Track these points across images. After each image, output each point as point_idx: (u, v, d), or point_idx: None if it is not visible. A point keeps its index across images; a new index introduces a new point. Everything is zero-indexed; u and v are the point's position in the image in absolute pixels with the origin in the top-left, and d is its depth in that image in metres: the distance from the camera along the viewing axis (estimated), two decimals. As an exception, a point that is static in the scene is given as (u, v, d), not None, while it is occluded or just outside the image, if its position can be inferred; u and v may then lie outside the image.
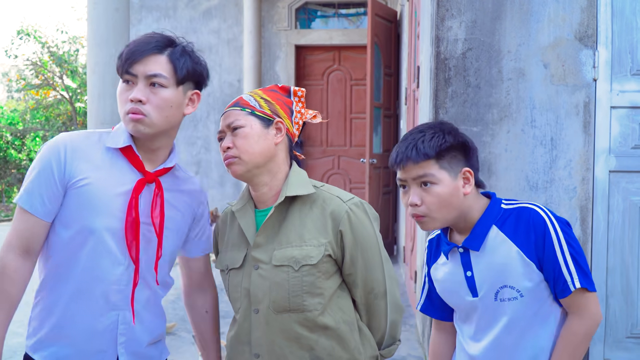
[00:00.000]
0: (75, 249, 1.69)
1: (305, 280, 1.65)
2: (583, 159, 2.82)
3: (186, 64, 1.73)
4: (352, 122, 8.52)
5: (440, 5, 2.85)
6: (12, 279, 1.68)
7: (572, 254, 1.68)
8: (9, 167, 16.82)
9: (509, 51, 2.83)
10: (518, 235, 1.72)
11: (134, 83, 1.69)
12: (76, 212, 1.69)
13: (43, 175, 1.69)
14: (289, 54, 8.48)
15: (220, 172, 8.47)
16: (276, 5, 8.48)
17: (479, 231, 1.75)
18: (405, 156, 1.72)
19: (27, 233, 1.70)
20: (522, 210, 1.74)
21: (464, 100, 2.84)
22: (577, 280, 1.67)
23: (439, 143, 1.71)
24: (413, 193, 1.72)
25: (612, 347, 2.88)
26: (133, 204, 1.70)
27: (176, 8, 8.55)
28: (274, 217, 1.71)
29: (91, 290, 1.70)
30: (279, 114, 1.76)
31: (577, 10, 2.82)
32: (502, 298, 1.73)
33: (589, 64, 2.83)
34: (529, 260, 1.70)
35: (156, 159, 1.80)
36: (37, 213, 1.69)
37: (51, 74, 16.69)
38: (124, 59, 1.70)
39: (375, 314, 1.74)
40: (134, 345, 1.77)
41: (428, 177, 1.70)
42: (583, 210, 2.83)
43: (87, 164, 1.71)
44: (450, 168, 1.72)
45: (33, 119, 17.51)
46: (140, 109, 1.67)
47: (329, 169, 8.53)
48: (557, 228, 1.70)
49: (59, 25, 22.10)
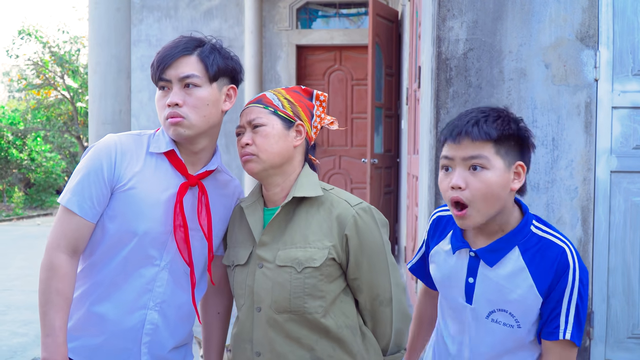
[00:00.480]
0: (114, 248, 1.72)
1: (307, 283, 1.64)
2: (584, 160, 2.82)
3: (216, 60, 1.74)
4: (353, 122, 8.52)
5: (441, 5, 2.84)
6: (64, 278, 1.70)
7: (578, 305, 1.58)
8: (10, 166, 16.84)
9: (510, 51, 2.83)
10: (539, 270, 1.58)
11: (169, 88, 1.71)
12: (120, 213, 1.71)
13: (93, 176, 1.70)
14: (290, 54, 8.48)
15: (221, 172, 8.48)
16: (277, 5, 8.48)
17: (501, 247, 1.61)
18: (465, 131, 1.55)
19: (75, 234, 1.71)
20: (551, 245, 1.60)
21: (465, 100, 2.84)
22: (570, 332, 1.57)
23: (504, 127, 1.55)
24: (458, 174, 1.55)
25: (613, 347, 2.88)
26: (178, 210, 1.72)
27: (177, 8, 8.55)
28: (281, 217, 1.71)
29: (123, 287, 1.73)
30: (301, 116, 1.76)
31: (578, 11, 2.82)
32: (495, 319, 1.63)
33: (591, 64, 2.83)
34: (539, 296, 1.59)
35: (198, 161, 1.81)
36: (86, 215, 1.71)
37: (52, 74, 16.70)
38: (155, 66, 1.71)
39: (380, 321, 1.72)
40: (157, 348, 1.78)
41: (482, 159, 1.53)
42: (584, 211, 2.83)
43: (134, 167, 1.73)
44: (505, 156, 1.56)
45: (34, 119, 17.52)
46: (178, 112, 1.69)
47: (330, 168, 8.54)
48: (576, 276, 1.57)
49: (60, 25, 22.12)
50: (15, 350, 4.75)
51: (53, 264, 1.69)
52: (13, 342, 4.94)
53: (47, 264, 1.69)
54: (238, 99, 8.44)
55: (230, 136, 8.38)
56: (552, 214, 2.81)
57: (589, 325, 2.84)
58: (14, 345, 4.85)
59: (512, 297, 1.59)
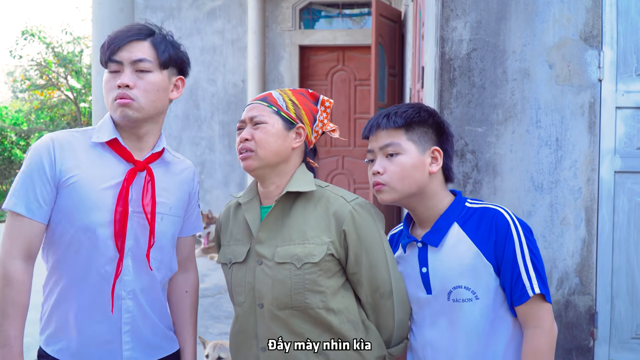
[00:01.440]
0: (73, 246, 1.71)
1: (307, 279, 1.65)
2: (588, 160, 2.82)
3: (168, 48, 1.77)
4: (356, 122, 8.52)
5: (444, 5, 2.84)
6: (21, 287, 1.68)
7: (532, 260, 1.64)
8: (13, 167, 16.85)
9: (514, 51, 2.82)
10: (479, 235, 1.69)
11: (120, 71, 1.72)
12: (67, 209, 1.70)
13: (36, 175, 1.69)
14: (293, 54, 8.48)
15: (224, 172, 8.47)
16: (280, 5, 8.48)
17: (440, 226, 1.73)
18: (376, 123, 1.75)
19: (26, 238, 1.69)
20: (486, 211, 1.73)
21: (469, 100, 2.84)
22: (537, 286, 1.62)
23: (411, 115, 1.73)
24: (378, 163, 1.74)
25: (617, 347, 2.87)
26: (123, 195, 1.72)
27: (180, 8, 8.56)
28: (277, 213, 1.73)
29: (90, 283, 1.72)
30: (303, 119, 1.78)
31: (582, 11, 2.81)
32: (455, 298, 1.70)
33: (594, 64, 2.83)
34: (487, 261, 1.67)
35: (144, 146, 1.81)
36: (34, 216, 1.69)
37: (55, 75, 16.73)
38: (106, 47, 1.73)
39: (382, 314, 1.73)
40: (139, 334, 1.78)
41: (394, 146, 1.72)
42: (588, 211, 2.83)
43: (75, 161, 1.72)
44: (418, 142, 1.73)
45: (37, 119, 17.55)
46: (128, 94, 1.70)
47: (333, 169, 8.54)
48: (520, 232, 1.66)
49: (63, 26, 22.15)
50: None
51: (7, 272, 1.67)
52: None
53: (0, 274, 1.67)
54: (240, 99, 8.46)
55: (232, 136, 8.40)
56: (556, 214, 2.81)
57: (593, 326, 2.84)
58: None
59: (462, 270, 1.68)
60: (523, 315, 1.66)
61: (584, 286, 2.83)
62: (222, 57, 8.49)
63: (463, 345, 1.70)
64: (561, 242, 2.82)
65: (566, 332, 2.83)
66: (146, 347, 1.80)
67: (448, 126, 1.80)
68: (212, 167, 8.53)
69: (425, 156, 1.73)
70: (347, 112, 8.52)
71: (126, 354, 1.76)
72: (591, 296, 2.83)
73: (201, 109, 8.55)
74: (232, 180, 8.47)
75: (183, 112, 8.58)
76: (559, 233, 2.81)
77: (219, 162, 8.48)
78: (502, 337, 1.69)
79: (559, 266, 2.82)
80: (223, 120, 8.50)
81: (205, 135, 8.54)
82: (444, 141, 1.78)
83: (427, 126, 1.75)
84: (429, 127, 1.75)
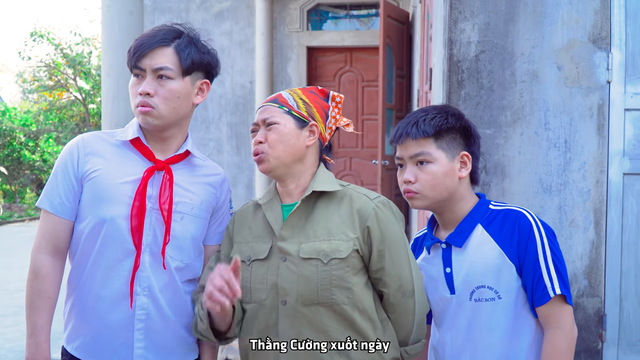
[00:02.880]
0: (91, 241, 1.75)
1: (334, 274, 1.66)
2: (597, 162, 2.81)
3: (191, 54, 1.77)
4: (364, 124, 8.52)
5: (453, 7, 2.85)
6: (47, 279, 1.75)
7: (554, 261, 1.66)
8: (22, 168, 16.95)
9: (522, 53, 2.82)
10: (502, 236, 1.71)
11: (143, 77, 1.75)
12: (90, 204, 1.75)
13: (60, 174, 1.77)
14: (300, 55, 8.50)
15: (232, 173, 8.49)
16: (288, 7, 8.50)
17: (464, 227, 1.76)
18: (405, 132, 1.76)
19: (53, 233, 1.77)
20: (509, 212, 1.75)
21: (477, 102, 2.84)
22: (558, 287, 1.64)
23: (440, 123, 1.74)
24: (408, 171, 1.76)
25: (625, 350, 2.87)
26: (140, 190, 1.75)
27: (189, 10, 8.59)
28: (300, 211, 1.73)
29: (107, 277, 1.75)
30: (315, 117, 1.79)
31: (590, 13, 2.81)
32: (477, 298, 1.72)
33: (603, 66, 2.82)
34: (510, 262, 1.69)
35: (167, 148, 1.85)
36: (58, 212, 1.76)
37: (64, 76, 16.79)
38: (132, 54, 1.75)
39: (403, 313, 1.73)
40: (154, 334, 1.79)
41: (424, 155, 1.73)
42: (597, 213, 2.82)
43: (99, 158, 1.78)
44: (448, 149, 1.74)
45: (46, 120, 17.62)
46: (149, 102, 1.73)
47: (341, 170, 8.54)
48: (542, 234, 1.68)
49: (72, 27, 22.24)
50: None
51: (35, 266, 1.76)
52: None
53: (30, 267, 1.77)
54: (248, 100, 8.47)
55: (240, 137, 8.41)
56: (565, 216, 2.81)
57: (602, 328, 2.83)
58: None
59: (486, 270, 1.70)
60: (544, 315, 1.67)
61: (593, 288, 2.83)
62: (230, 58, 8.52)
63: (485, 345, 1.71)
64: (570, 244, 2.81)
65: (575, 334, 2.83)
66: (161, 349, 1.79)
67: (474, 128, 1.81)
68: (220, 168, 8.55)
69: (454, 162, 1.75)
70: (354, 114, 8.53)
71: (137, 352, 1.76)
72: (600, 298, 2.83)
73: (209, 111, 8.58)
74: (240, 181, 8.49)
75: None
76: (568, 235, 2.81)
77: (227, 163, 8.50)
78: (525, 338, 1.70)
79: (567, 268, 2.81)
80: (231, 121, 8.52)
81: (213, 137, 8.57)
82: (471, 144, 1.80)
83: (455, 132, 1.77)
84: (457, 132, 1.77)
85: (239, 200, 8.49)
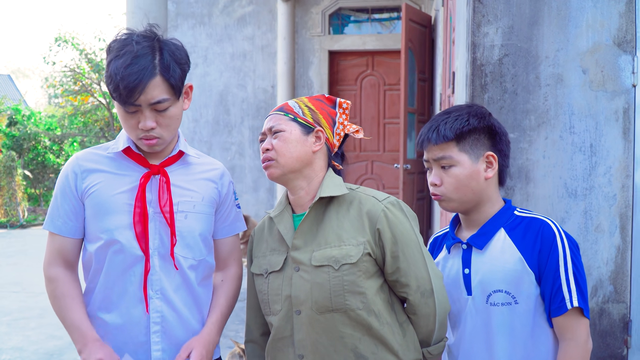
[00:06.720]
0: (100, 254, 1.79)
1: (346, 280, 1.66)
2: (623, 166, 2.78)
3: (175, 72, 1.73)
4: (385, 128, 8.51)
5: (476, 11, 2.84)
6: (65, 282, 1.81)
7: (575, 273, 1.64)
8: (47, 171, 17.17)
9: (547, 57, 2.81)
10: (525, 243, 1.70)
11: (138, 111, 1.72)
12: (94, 219, 1.79)
13: (60, 196, 1.83)
14: (322, 59, 8.51)
15: (254, 177, 8.53)
16: (309, 11, 8.52)
17: (487, 230, 1.76)
18: (427, 138, 1.78)
19: (61, 252, 1.83)
20: (534, 220, 1.73)
21: (501, 106, 2.82)
22: (576, 299, 1.62)
23: (460, 126, 1.73)
24: (434, 174, 1.78)
25: (652, 357, 2.83)
26: (139, 197, 1.78)
27: (211, 15, 8.65)
28: (311, 219, 1.74)
29: (120, 285, 1.79)
30: (321, 123, 1.80)
31: (615, 16, 2.79)
32: (493, 302, 1.71)
33: (628, 69, 2.79)
34: (529, 269, 1.68)
35: (161, 152, 1.87)
36: (62, 232, 1.82)
37: (89, 81, 16.98)
38: (123, 93, 1.66)
39: (424, 313, 1.71)
40: (171, 335, 1.81)
41: (447, 159, 1.74)
42: (623, 218, 2.79)
43: (95, 173, 1.82)
44: (471, 151, 1.74)
45: (71, 125, 17.84)
46: (153, 135, 1.75)
47: (363, 173, 8.54)
48: (565, 245, 1.66)
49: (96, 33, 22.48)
50: (52, 353, 4.84)
51: (51, 277, 1.81)
52: (49, 345, 5.03)
53: (46, 280, 1.82)
54: (270, 104, 8.49)
55: (241, 145, 8.48)
56: (590, 221, 2.78)
57: (627, 334, 2.80)
58: (51, 348, 4.94)
59: (504, 275, 1.69)
60: (559, 326, 1.66)
61: (618, 294, 2.79)
62: (252, 62, 8.56)
63: (500, 349, 1.71)
64: (595, 249, 2.78)
65: (600, 341, 2.80)
66: (179, 349, 1.81)
67: (500, 126, 1.80)
68: (241, 172, 8.60)
69: (479, 163, 1.75)
70: (376, 117, 8.52)
71: (155, 355, 1.79)
72: (625, 304, 2.80)
73: (231, 115, 8.63)
74: (262, 185, 8.53)
75: (213, 118, 8.67)
76: (593, 240, 2.78)
77: (249, 167, 8.54)
78: (542, 347, 1.69)
79: (593, 274, 2.79)
80: (253, 125, 8.56)
81: (235, 141, 8.62)
82: (498, 142, 1.78)
83: (478, 132, 1.75)
84: (480, 132, 1.76)
85: (261, 203, 8.53)
